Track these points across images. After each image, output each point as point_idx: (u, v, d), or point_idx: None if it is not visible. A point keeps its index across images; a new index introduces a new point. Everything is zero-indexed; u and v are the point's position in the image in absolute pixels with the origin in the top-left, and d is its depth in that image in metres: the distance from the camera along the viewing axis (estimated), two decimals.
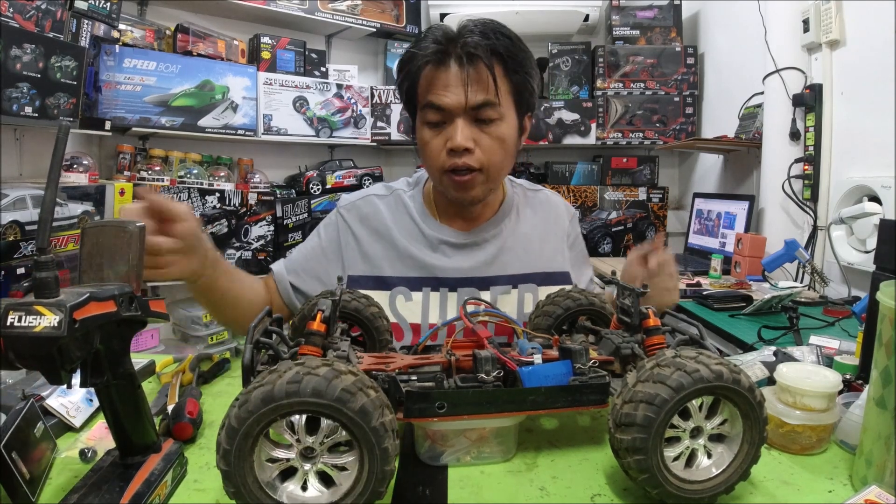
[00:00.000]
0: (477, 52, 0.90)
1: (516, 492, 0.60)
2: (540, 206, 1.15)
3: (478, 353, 0.66)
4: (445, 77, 0.92)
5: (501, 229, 1.07)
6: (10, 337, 0.43)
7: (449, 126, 0.93)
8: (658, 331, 0.69)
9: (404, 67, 0.96)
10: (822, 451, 0.69)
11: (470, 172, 0.94)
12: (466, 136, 0.92)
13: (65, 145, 0.48)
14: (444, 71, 0.92)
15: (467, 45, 0.90)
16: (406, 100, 1.00)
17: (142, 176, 2.31)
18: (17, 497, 0.54)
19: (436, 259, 1.04)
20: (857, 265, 1.79)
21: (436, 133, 0.95)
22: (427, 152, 0.97)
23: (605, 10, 3.03)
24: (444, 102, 0.91)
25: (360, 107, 2.89)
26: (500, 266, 1.06)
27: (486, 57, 0.90)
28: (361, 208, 1.09)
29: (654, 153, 3.10)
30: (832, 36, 1.93)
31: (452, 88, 0.91)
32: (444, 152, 0.94)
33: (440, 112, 0.93)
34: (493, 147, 0.94)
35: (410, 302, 1.03)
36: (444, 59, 0.92)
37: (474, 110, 0.92)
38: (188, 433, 0.69)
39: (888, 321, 0.58)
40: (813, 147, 2.04)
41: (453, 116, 0.92)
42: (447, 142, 0.93)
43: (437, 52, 0.92)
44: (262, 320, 0.66)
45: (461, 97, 0.91)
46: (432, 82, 0.93)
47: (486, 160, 0.94)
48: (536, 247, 1.09)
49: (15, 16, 1.74)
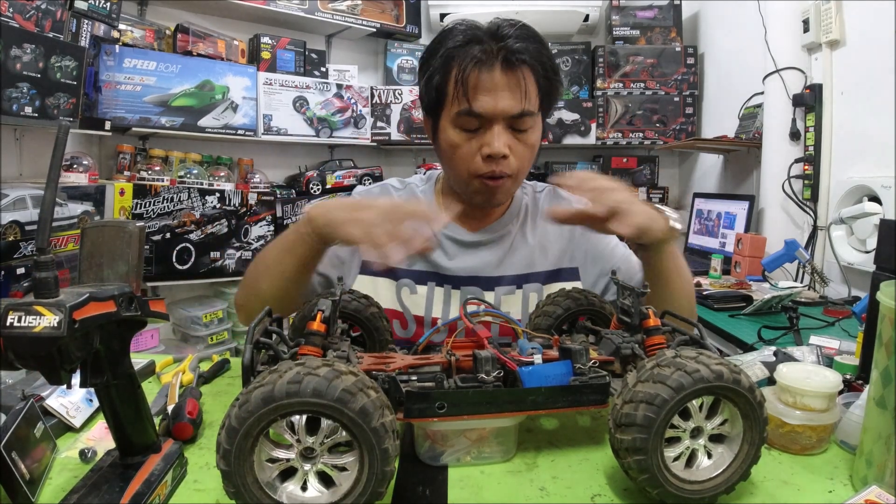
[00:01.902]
0: (523, 58, 0.87)
1: (516, 492, 0.60)
2: (545, 200, 1.13)
3: (478, 353, 0.66)
4: (489, 81, 0.88)
5: (509, 230, 1.07)
6: (10, 337, 0.43)
7: (485, 131, 0.90)
8: (658, 331, 0.69)
9: (435, 62, 0.92)
10: (823, 452, 0.69)
11: (502, 178, 0.93)
12: (504, 144, 0.89)
13: (65, 145, 0.48)
14: (487, 73, 0.88)
15: (513, 50, 0.87)
16: (433, 97, 0.94)
17: (142, 176, 2.31)
18: (17, 497, 0.54)
19: (441, 257, 1.04)
20: (857, 265, 1.79)
21: (468, 137, 0.92)
22: (457, 155, 0.94)
23: (605, 10, 3.03)
24: (485, 109, 0.88)
25: (360, 107, 2.89)
26: (505, 267, 1.05)
27: (528, 63, 0.88)
28: (377, 194, 1.11)
29: (654, 153, 3.10)
30: (832, 36, 1.93)
31: (496, 94, 0.88)
32: (478, 157, 0.91)
33: (478, 118, 0.90)
34: (525, 154, 0.94)
35: (415, 294, 1.04)
36: (489, 61, 0.88)
37: (512, 118, 0.89)
38: (188, 433, 0.69)
39: (888, 321, 0.58)
40: (813, 147, 2.04)
41: (491, 123, 0.90)
42: (482, 147, 0.90)
43: (482, 53, 0.88)
44: (262, 320, 0.66)
45: (504, 104, 0.88)
46: (475, 85, 0.88)
47: (519, 167, 0.93)
48: (543, 247, 1.08)
49: (15, 16, 1.74)
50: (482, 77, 0.88)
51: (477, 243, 1.05)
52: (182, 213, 2.34)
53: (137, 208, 2.23)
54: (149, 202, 2.26)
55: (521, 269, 1.06)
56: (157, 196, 2.28)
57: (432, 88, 0.93)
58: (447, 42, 0.91)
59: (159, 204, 2.28)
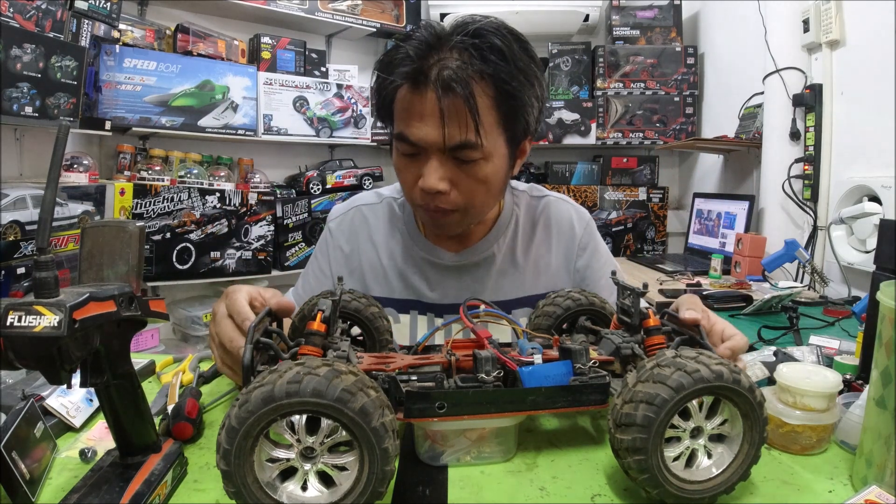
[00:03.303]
0: (455, 82, 0.73)
1: (516, 492, 0.60)
2: (543, 219, 1.04)
3: (478, 353, 0.66)
4: (420, 105, 0.76)
5: (494, 251, 0.98)
6: (10, 337, 0.43)
7: (421, 160, 0.80)
8: (658, 331, 0.69)
9: (380, 74, 0.81)
10: (822, 451, 0.69)
11: (446, 212, 0.83)
12: (440, 178, 0.79)
13: (65, 145, 0.48)
14: (418, 97, 0.76)
15: (446, 70, 0.74)
16: (380, 108, 0.84)
17: (142, 176, 2.32)
18: (17, 497, 0.54)
19: (421, 284, 0.99)
20: (857, 265, 1.79)
21: (409, 162, 0.82)
22: (401, 181, 0.86)
23: (605, 10, 3.03)
24: (416, 137, 0.78)
25: (361, 107, 2.89)
26: (491, 291, 0.98)
27: (466, 87, 0.73)
28: (349, 221, 1.05)
29: (654, 153, 3.10)
30: (832, 36, 1.93)
31: (427, 120, 0.76)
32: (417, 188, 0.81)
33: (413, 146, 0.79)
34: (473, 188, 0.82)
35: (398, 324, 0.99)
36: (419, 82, 0.75)
37: (451, 150, 0.78)
38: (188, 433, 0.69)
39: (888, 321, 0.58)
40: (813, 147, 2.04)
41: (427, 152, 0.79)
42: (419, 178, 0.81)
43: (413, 73, 0.75)
44: (262, 320, 0.66)
45: (435, 134, 0.76)
46: (406, 108, 0.78)
47: (465, 202, 0.83)
48: (537, 269, 1.01)
49: (15, 16, 1.74)
50: (413, 100, 0.76)
51: (459, 267, 0.98)
52: (182, 213, 2.35)
53: (137, 208, 2.23)
54: (149, 202, 2.26)
55: (509, 293, 0.99)
56: (158, 196, 2.28)
57: (379, 105, 0.83)
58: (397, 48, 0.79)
59: (159, 204, 2.28)
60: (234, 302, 0.70)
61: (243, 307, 0.70)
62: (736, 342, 0.71)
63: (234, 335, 0.69)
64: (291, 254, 2.73)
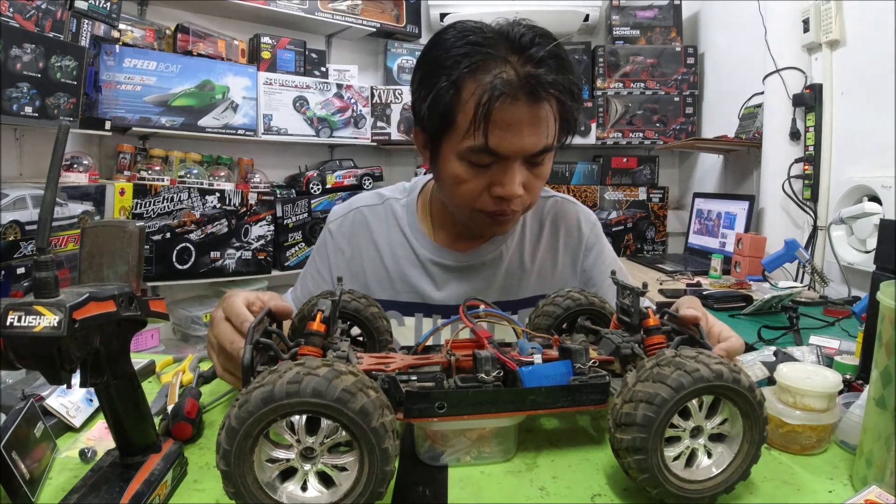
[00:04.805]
0: (552, 92, 0.77)
1: (516, 492, 0.60)
2: (550, 219, 1.04)
3: (478, 353, 0.66)
4: (510, 116, 0.76)
5: (502, 251, 0.99)
6: (9, 337, 0.43)
7: (498, 168, 0.81)
8: (658, 330, 0.69)
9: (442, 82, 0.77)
10: (822, 451, 0.69)
11: (513, 213, 0.86)
12: (520, 184, 0.81)
13: (65, 145, 0.48)
14: (508, 108, 0.75)
15: (544, 84, 0.76)
16: (436, 121, 0.81)
17: (142, 176, 2.32)
18: (17, 497, 0.54)
19: (427, 285, 0.98)
20: (857, 265, 1.79)
21: (477, 172, 0.82)
22: (461, 190, 0.84)
23: (605, 10, 3.03)
24: (504, 149, 0.78)
25: (361, 107, 2.89)
26: (498, 292, 0.99)
27: (557, 96, 0.77)
28: (349, 223, 1.04)
29: (654, 153, 3.10)
30: (832, 36, 1.93)
31: (518, 131, 0.77)
32: (486, 194, 0.83)
33: (493, 155, 0.79)
34: (538, 186, 0.86)
35: (403, 327, 0.99)
36: (512, 93, 0.75)
37: (531, 156, 0.81)
38: (188, 433, 0.69)
39: (888, 321, 0.58)
40: (813, 147, 2.04)
41: (507, 161, 0.80)
42: (493, 186, 0.81)
43: (505, 85, 0.75)
44: (262, 321, 0.66)
45: (526, 143, 0.78)
46: (496, 120, 0.76)
47: (531, 201, 0.87)
48: (541, 267, 1.01)
49: (15, 16, 1.74)
50: (503, 112, 0.76)
51: (467, 268, 0.98)
52: (182, 213, 2.35)
53: (137, 208, 2.23)
54: (149, 202, 2.26)
55: (517, 294, 1.00)
56: (157, 196, 2.28)
57: (437, 113, 0.80)
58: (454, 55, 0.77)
59: (159, 204, 2.28)
60: (232, 305, 0.71)
61: (241, 309, 0.70)
62: (731, 344, 0.72)
63: (233, 336, 0.69)
64: (291, 254, 2.73)
